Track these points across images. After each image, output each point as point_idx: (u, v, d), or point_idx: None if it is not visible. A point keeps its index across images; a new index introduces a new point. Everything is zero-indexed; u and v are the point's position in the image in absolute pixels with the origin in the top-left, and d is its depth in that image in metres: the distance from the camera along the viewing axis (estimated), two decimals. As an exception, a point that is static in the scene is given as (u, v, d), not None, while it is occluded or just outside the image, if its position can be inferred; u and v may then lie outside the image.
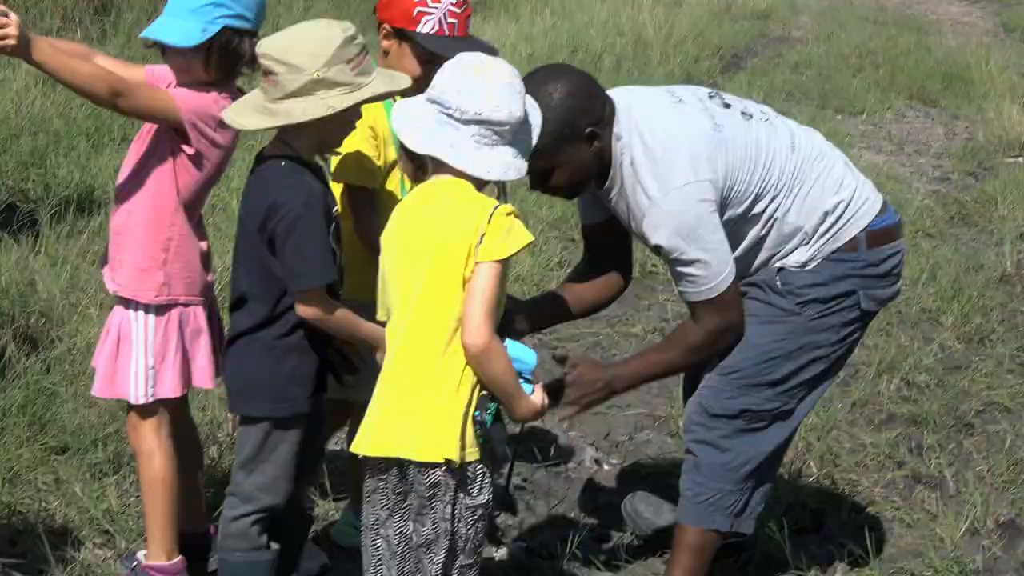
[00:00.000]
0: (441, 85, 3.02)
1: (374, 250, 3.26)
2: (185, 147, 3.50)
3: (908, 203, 9.01)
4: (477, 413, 3.03)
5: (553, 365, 3.87)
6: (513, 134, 3.05)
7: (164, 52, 3.52)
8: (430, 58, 3.60)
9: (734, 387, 3.69)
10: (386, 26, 3.73)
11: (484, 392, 3.04)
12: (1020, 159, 10.70)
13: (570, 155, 3.49)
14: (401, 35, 3.70)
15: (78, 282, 5.44)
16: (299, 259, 3.17)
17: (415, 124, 3.04)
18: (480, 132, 2.99)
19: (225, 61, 3.48)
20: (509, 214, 2.99)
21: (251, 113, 3.23)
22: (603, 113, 3.53)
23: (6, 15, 3.11)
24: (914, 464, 5.19)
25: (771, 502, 4.59)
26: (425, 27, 3.67)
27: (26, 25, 3.21)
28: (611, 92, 3.68)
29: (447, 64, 3.07)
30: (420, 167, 3.09)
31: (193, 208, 3.63)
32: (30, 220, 6.14)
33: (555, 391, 3.66)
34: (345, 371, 3.45)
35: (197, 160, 3.53)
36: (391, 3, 3.72)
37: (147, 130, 3.59)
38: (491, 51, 3.39)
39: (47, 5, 9.52)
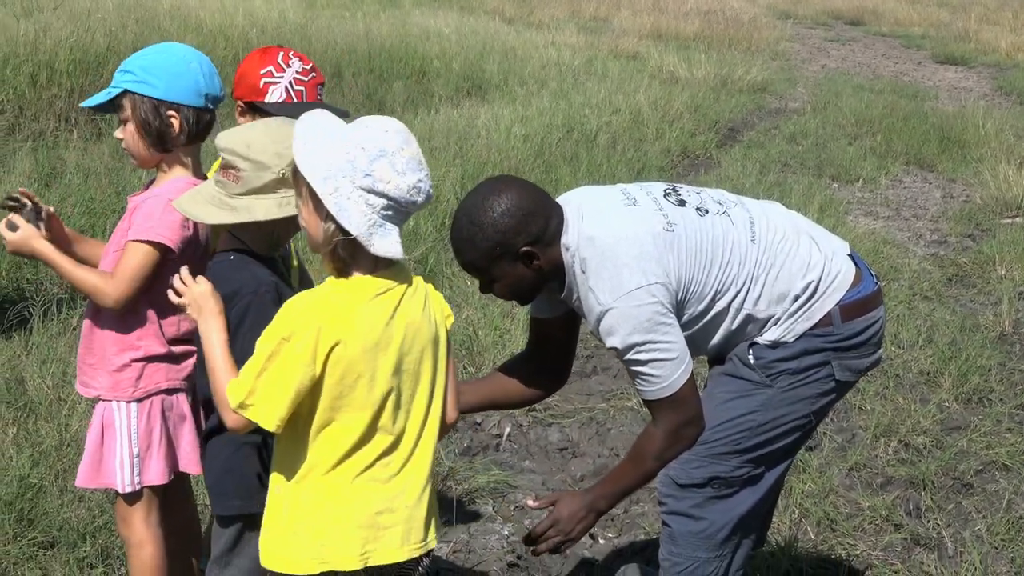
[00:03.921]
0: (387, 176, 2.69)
1: None
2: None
3: (905, 266, 9.03)
4: None
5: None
6: None
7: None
8: None
9: (701, 456, 3.65)
10: (240, 103, 3.80)
11: None
12: (1018, 219, 10.72)
13: (505, 271, 3.50)
14: (253, 108, 3.76)
15: (68, 377, 5.44)
16: (245, 353, 2.89)
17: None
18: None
19: (141, 127, 3.53)
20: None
21: (207, 205, 3.18)
22: (544, 231, 3.48)
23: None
24: (912, 526, 5.13)
25: (768, 569, 4.58)
26: (272, 96, 3.74)
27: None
28: (564, 196, 3.69)
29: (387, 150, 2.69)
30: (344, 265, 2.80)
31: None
32: (21, 319, 6.19)
33: (543, 533, 3.69)
34: None
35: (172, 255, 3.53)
36: (240, 80, 3.80)
37: (119, 232, 3.60)
38: (343, 115, 3.14)
39: (43, 107, 9.67)
